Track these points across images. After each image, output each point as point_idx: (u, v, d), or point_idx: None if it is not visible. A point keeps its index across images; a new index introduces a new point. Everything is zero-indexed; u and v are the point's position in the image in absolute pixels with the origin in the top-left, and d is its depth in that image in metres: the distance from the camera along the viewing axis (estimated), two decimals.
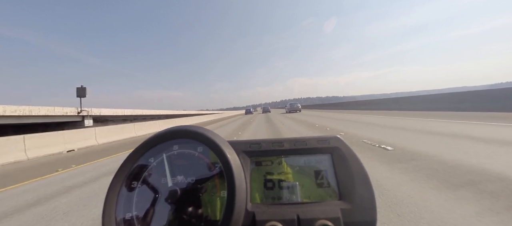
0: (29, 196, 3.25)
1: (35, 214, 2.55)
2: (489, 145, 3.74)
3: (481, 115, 8.41)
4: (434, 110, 11.92)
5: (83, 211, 2.49)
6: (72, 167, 5.22)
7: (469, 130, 5.34)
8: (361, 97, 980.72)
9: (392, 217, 1.77)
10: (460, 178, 2.44)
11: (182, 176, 0.35)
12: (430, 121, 7.64)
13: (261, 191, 0.36)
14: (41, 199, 3.07)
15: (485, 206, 1.80)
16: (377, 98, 21.11)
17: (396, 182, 2.50)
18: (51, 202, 2.91)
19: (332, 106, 34.26)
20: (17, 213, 2.64)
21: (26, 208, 2.75)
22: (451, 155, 3.31)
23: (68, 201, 2.87)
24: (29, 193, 3.40)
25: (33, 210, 2.67)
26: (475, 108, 10.29)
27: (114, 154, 6.81)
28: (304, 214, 0.32)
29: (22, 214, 2.57)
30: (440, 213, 1.76)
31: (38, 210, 2.65)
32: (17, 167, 5.82)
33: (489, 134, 4.66)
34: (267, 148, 0.40)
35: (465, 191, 2.11)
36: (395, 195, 2.18)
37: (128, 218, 0.32)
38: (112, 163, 5.37)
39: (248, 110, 46.85)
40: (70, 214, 2.44)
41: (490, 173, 2.49)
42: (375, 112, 15.02)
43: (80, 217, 2.33)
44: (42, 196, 3.19)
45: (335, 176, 0.36)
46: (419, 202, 1.98)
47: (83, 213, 2.43)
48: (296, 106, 26.79)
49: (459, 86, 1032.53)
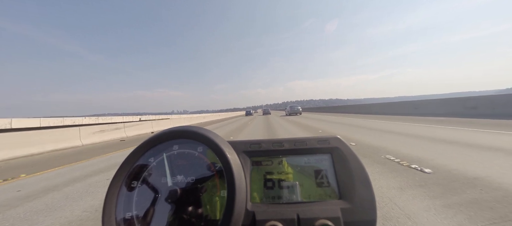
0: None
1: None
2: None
3: (503, 122, 7.28)
4: (449, 116, 10.69)
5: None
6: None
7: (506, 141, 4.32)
8: (366, 101, 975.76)
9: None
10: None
11: (182, 176, 0.35)
12: (459, 130, 6.28)
13: (261, 191, 0.36)
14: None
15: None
16: (384, 102, 20.47)
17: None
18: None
19: (335, 110, 33.19)
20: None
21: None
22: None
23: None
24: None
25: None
26: (494, 115, 9.41)
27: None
28: (304, 214, 0.32)
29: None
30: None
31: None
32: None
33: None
34: (267, 148, 0.40)
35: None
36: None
37: (128, 218, 0.32)
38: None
39: (248, 112, 46.88)
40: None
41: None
42: (383, 117, 14.02)
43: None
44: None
45: (335, 176, 0.36)
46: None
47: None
48: (297, 109, 26.55)
49: (466, 91, 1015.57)
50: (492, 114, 9.95)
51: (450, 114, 11.84)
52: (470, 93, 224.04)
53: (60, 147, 8.23)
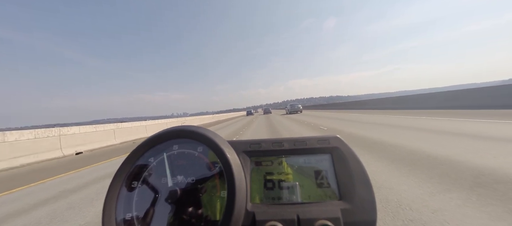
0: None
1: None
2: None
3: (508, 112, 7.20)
4: (458, 109, 10.49)
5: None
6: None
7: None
8: (366, 97, 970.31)
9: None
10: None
11: (182, 176, 0.35)
12: (480, 121, 5.85)
13: (261, 191, 0.36)
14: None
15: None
16: (384, 97, 20.42)
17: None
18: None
19: (336, 107, 33.52)
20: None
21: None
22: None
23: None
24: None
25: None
26: (497, 105, 9.27)
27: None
28: (304, 214, 0.32)
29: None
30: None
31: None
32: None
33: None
34: (267, 148, 0.40)
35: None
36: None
37: (128, 219, 0.32)
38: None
39: (249, 112, 46.99)
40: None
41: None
42: (386, 111, 13.90)
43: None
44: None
45: (335, 176, 0.36)
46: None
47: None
48: (297, 107, 26.54)
49: (467, 84, 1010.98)
50: (495, 104, 9.93)
51: (462, 106, 11.59)
52: (472, 85, 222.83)
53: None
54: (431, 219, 1.62)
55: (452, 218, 1.61)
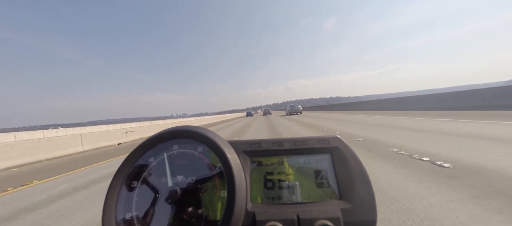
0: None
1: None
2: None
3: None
4: (459, 110, 10.42)
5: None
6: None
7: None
8: (366, 97, 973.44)
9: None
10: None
11: (182, 176, 0.35)
12: (482, 122, 5.84)
13: (261, 191, 0.36)
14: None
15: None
16: (385, 98, 20.45)
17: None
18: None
19: (337, 107, 33.35)
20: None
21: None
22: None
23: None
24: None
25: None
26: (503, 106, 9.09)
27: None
28: (304, 214, 0.32)
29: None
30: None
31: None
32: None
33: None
34: (267, 148, 0.40)
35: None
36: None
37: (128, 218, 0.32)
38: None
39: (249, 113, 46.93)
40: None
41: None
42: (387, 112, 13.89)
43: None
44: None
45: (335, 176, 0.36)
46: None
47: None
48: (297, 108, 26.42)
49: (467, 84, 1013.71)
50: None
51: (463, 107, 11.56)
52: (473, 87, 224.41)
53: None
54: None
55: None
